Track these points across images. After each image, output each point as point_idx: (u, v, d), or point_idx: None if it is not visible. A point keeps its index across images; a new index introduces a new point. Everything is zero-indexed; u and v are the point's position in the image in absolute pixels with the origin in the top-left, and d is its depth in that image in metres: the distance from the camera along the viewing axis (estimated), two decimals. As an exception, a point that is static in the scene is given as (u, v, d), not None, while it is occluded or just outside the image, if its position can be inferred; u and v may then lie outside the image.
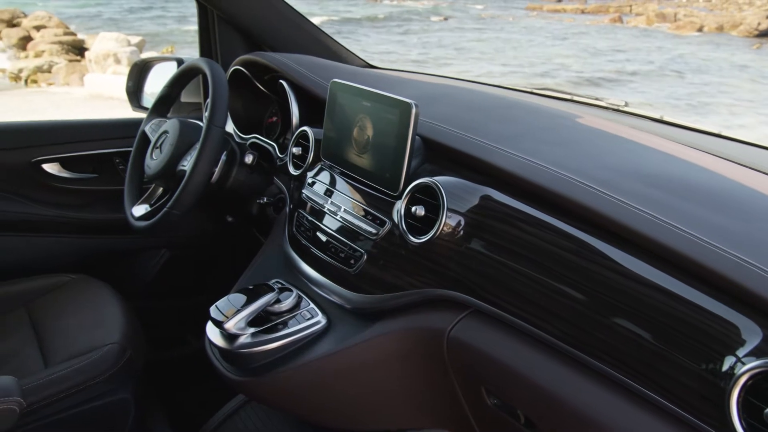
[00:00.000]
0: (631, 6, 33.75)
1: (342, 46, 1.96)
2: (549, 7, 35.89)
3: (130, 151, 1.66)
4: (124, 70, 11.89)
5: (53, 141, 1.91)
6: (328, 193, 1.29)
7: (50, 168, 1.93)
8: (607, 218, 0.84)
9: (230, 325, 1.11)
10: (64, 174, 1.96)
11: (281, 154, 1.56)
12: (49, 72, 13.01)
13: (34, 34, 15.82)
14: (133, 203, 1.57)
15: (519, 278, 0.94)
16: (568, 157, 1.01)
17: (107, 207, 2.00)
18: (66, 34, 15.72)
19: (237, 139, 1.67)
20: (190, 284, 2.18)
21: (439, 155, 1.13)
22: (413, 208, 1.04)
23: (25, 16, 17.54)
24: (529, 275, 0.92)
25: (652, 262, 0.80)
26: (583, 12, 33.40)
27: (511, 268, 0.95)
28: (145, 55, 13.09)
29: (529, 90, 1.73)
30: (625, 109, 1.56)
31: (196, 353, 2.08)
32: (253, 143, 1.66)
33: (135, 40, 13.80)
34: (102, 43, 12.92)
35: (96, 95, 11.07)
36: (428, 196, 1.04)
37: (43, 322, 1.57)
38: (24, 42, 15.54)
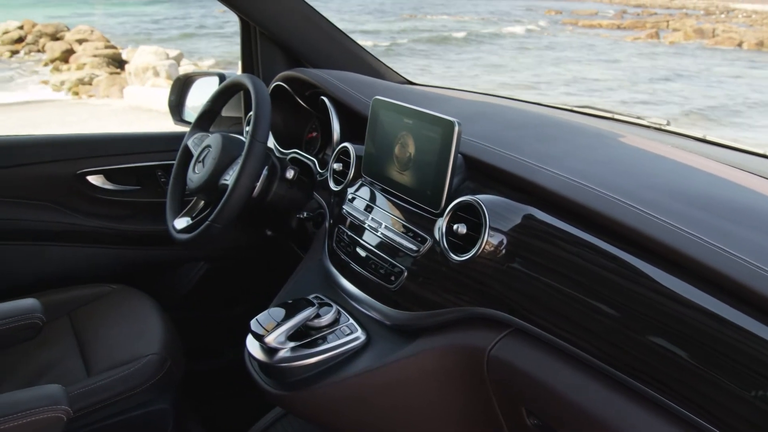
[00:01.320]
0: (668, 21, 33.39)
1: (381, 62, 1.97)
2: (584, 22, 35.65)
3: (172, 164, 1.69)
4: (163, 82, 12.11)
5: (98, 153, 1.96)
6: (369, 209, 1.30)
7: (95, 180, 1.97)
8: (654, 240, 0.83)
9: (270, 339, 1.11)
10: (108, 186, 2.00)
11: (321, 169, 1.57)
12: (90, 84, 13.30)
13: (76, 47, 16.21)
14: (175, 216, 1.59)
15: (561, 298, 0.93)
16: (613, 177, 1.01)
17: (149, 219, 2.04)
18: (107, 47, 16.07)
19: (277, 154, 1.69)
20: (228, 296, 2.20)
21: (481, 173, 1.13)
22: (455, 226, 1.04)
23: (69, 29, 17.99)
24: (571, 295, 0.92)
25: (700, 285, 0.79)
26: (619, 27, 33.12)
27: (554, 288, 0.94)
28: (182, 68, 13.33)
29: (569, 108, 1.73)
30: (668, 128, 1.54)
31: (232, 365, 2.09)
32: (293, 158, 1.67)
33: (173, 53, 14.04)
34: (141, 57, 13.18)
35: (135, 107, 11.27)
36: (470, 214, 1.04)
37: (85, 330, 1.60)
38: (66, 55, 15.94)
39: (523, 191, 1.05)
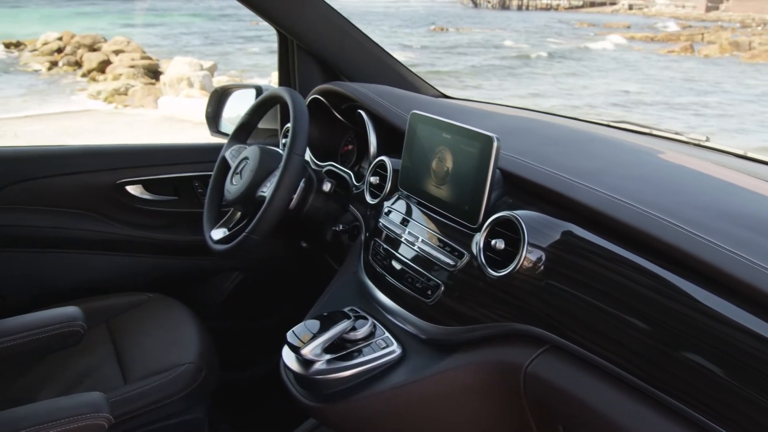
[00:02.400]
0: (702, 34, 32.95)
1: (416, 75, 1.98)
2: (617, 34, 35.38)
3: (209, 175, 1.71)
4: (196, 93, 12.27)
5: (137, 164, 2.00)
6: (405, 222, 1.30)
7: (133, 190, 2.01)
8: (696, 259, 0.82)
9: (306, 351, 1.12)
10: (146, 196, 2.03)
11: (357, 182, 1.58)
12: (125, 94, 13.53)
13: (113, 58, 16.53)
14: (212, 226, 1.61)
15: (600, 315, 0.92)
16: (653, 195, 1.00)
17: (185, 229, 2.07)
18: (142, 58, 16.36)
19: (313, 167, 1.70)
20: (261, 307, 2.22)
21: (519, 189, 1.13)
22: (493, 241, 1.04)
23: (106, 41, 18.35)
24: (610, 313, 0.91)
25: (743, 305, 0.78)
26: (653, 40, 32.77)
27: (592, 305, 0.93)
28: (216, 79, 13.49)
29: (605, 123, 1.72)
30: (707, 144, 1.52)
31: (265, 375, 2.11)
32: (329, 171, 1.69)
33: (207, 64, 14.24)
34: (176, 67, 13.39)
35: (169, 117, 11.44)
36: (508, 230, 1.04)
37: (122, 338, 1.63)
38: (103, 65, 16.25)
39: (562, 207, 1.04)
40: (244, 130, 1.69)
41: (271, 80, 12.59)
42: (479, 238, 1.08)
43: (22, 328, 1.20)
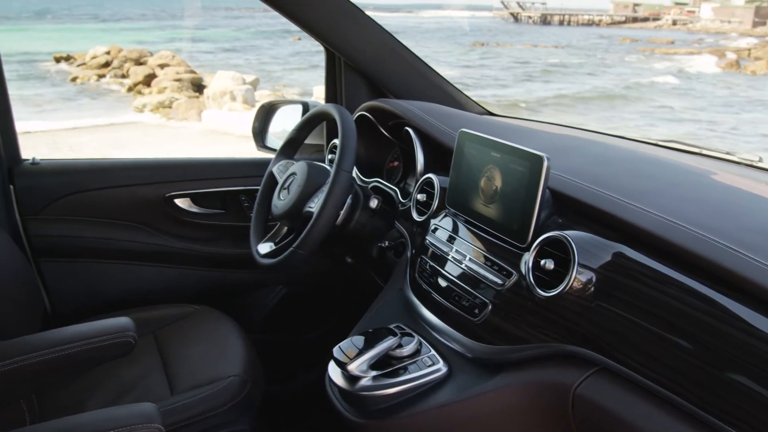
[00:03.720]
0: (749, 50, 32.31)
1: (462, 92, 1.99)
2: (661, 50, 34.96)
3: (255, 189, 1.73)
4: (239, 107, 12.45)
5: (185, 177, 2.04)
6: (451, 240, 1.30)
7: (182, 203, 2.05)
8: (754, 284, 0.81)
9: (353, 367, 1.13)
10: (194, 209, 2.07)
11: (403, 199, 1.58)
12: (170, 107, 13.80)
13: (158, 71, 16.89)
14: (259, 240, 1.63)
15: (652, 339, 0.91)
16: (708, 217, 0.98)
17: (231, 242, 2.10)
18: (187, 71, 16.68)
19: (359, 182, 1.71)
20: (304, 321, 2.24)
21: (569, 209, 1.13)
22: (542, 261, 1.03)
23: (152, 55, 18.77)
24: (662, 336, 0.90)
25: None
26: (699, 54, 32.26)
27: (644, 328, 0.92)
28: (258, 92, 13.68)
29: (653, 142, 1.70)
30: (760, 164, 1.49)
31: (307, 388, 2.12)
32: (374, 187, 1.69)
33: (250, 78, 14.44)
34: (219, 81, 13.61)
35: (211, 130, 11.63)
36: (557, 250, 1.03)
37: (169, 349, 1.65)
38: (149, 79, 16.61)
39: (613, 228, 1.03)
40: (292, 146, 1.71)
41: (314, 96, 12.72)
42: (528, 258, 1.07)
43: (76, 338, 1.23)
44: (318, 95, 12.32)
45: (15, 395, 1.20)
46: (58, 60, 22.34)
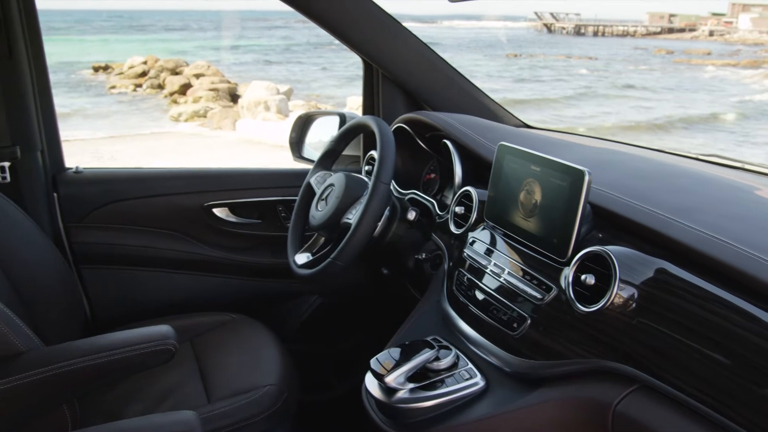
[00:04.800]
0: (790, 60, 31.74)
1: (499, 105, 1.99)
2: (697, 61, 34.50)
3: (292, 199, 1.75)
4: (273, 116, 12.56)
5: (223, 187, 2.06)
6: (489, 253, 1.30)
7: (219, 212, 2.08)
8: None
9: (390, 379, 1.12)
10: (231, 218, 2.10)
11: (440, 211, 1.59)
12: (205, 116, 13.98)
13: (193, 81, 17.14)
14: (296, 251, 1.64)
15: (695, 356, 0.90)
16: (754, 234, 0.97)
17: (267, 251, 2.12)
18: (222, 81, 16.90)
19: (396, 194, 1.72)
20: (337, 331, 2.24)
21: (610, 223, 1.12)
22: (583, 276, 1.03)
23: (187, 65, 19.07)
24: (706, 354, 0.88)
25: None
26: (736, 66, 31.75)
27: (687, 346, 0.91)
28: (291, 102, 13.79)
29: (694, 156, 1.67)
30: (806, 180, 1.46)
31: (341, 398, 2.13)
32: (411, 199, 1.70)
33: (283, 88, 14.57)
34: (254, 91, 13.76)
35: (246, 140, 11.74)
36: (598, 265, 1.03)
37: (206, 357, 1.67)
38: (184, 88, 16.86)
39: (655, 244, 1.03)
40: (330, 157, 1.73)
41: (347, 106, 12.78)
42: (568, 273, 1.07)
43: (119, 344, 1.24)
44: (351, 105, 12.38)
45: (59, 400, 1.22)
46: (96, 69, 22.82)
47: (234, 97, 15.65)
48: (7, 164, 1.81)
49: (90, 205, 1.96)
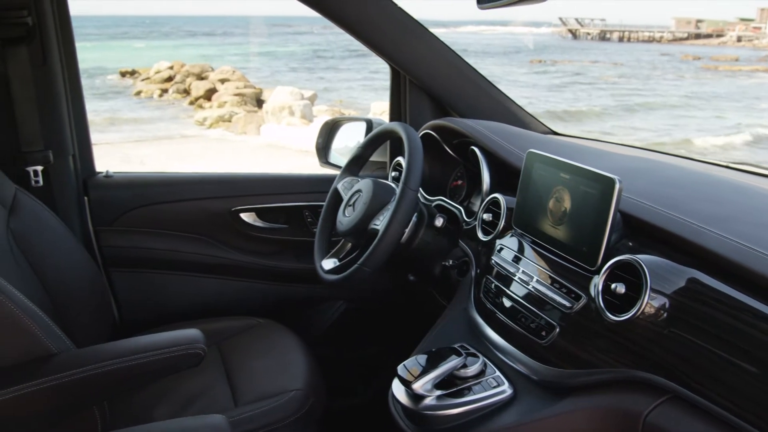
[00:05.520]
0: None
1: (526, 111, 1.98)
2: (725, 67, 34.10)
3: (318, 205, 1.76)
4: (297, 121, 12.63)
5: (251, 192, 2.08)
6: (517, 260, 1.30)
7: (247, 217, 2.09)
8: None
9: (418, 386, 1.12)
10: (259, 223, 2.11)
11: (468, 218, 1.58)
12: (230, 121, 14.10)
13: (218, 86, 17.30)
14: (323, 256, 1.65)
15: (727, 367, 0.89)
16: None
17: (293, 256, 2.13)
18: (246, 86, 17.03)
19: (423, 201, 1.72)
20: (363, 336, 2.25)
21: (640, 232, 1.11)
22: (613, 285, 1.02)
23: (213, 70, 19.24)
24: (739, 365, 0.87)
25: None
26: (765, 72, 31.33)
27: (719, 356, 0.90)
28: (315, 108, 13.86)
29: (725, 164, 1.66)
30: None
31: (366, 404, 2.13)
32: (438, 205, 1.70)
33: (308, 94, 14.65)
34: (278, 96, 13.85)
35: (270, 144, 11.82)
36: (628, 273, 1.02)
37: (233, 361, 1.68)
38: (209, 93, 17.02)
39: (686, 253, 1.02)
40: (357, 163, 1.73)
41: (371, 111, 12.81)
42: (598, 281, 1.06)
43: (149, 347, 1.26)
44: (375, 110, 12.41)
45: (89, 402, 1.24)
46: (123, 74, 23.12)
47: (258, 102, 15.77)
48: (40, 168, 1.83)
49: (119, 209, 1.99)
